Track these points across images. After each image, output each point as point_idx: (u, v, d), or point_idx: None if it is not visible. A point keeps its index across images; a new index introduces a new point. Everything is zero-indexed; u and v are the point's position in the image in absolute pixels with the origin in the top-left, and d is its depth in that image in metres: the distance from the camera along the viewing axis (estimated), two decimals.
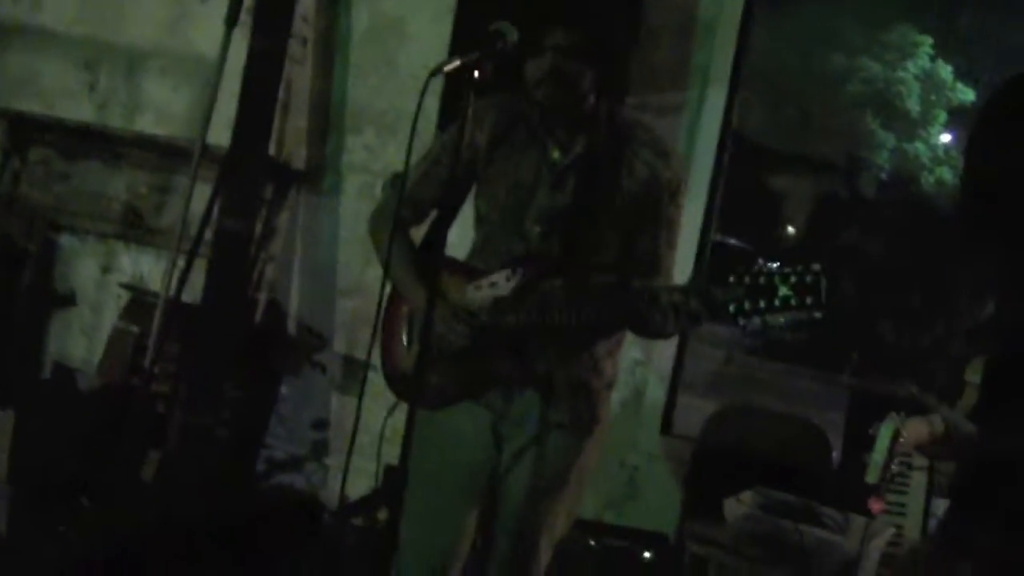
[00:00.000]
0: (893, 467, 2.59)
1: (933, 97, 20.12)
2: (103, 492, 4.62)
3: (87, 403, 5.02)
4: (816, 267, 2.59)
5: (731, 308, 2.64)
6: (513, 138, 3.08)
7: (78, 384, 5.22)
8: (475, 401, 3.08)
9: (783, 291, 2.58)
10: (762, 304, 2.60)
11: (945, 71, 19.80)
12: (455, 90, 2.85)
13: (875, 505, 2.72)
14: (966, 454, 2.63)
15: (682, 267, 4.35)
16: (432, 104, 4.77)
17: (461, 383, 3.07)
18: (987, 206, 2.51)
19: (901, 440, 2.57)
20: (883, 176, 20.46)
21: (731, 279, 2.64)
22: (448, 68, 2.68)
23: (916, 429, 2.61)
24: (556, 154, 3.03)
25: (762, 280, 2.61)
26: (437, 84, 2.79)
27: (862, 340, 14.39)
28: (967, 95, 19.59)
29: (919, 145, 20.19)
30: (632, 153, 3.01)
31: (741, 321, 2.64)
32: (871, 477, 2.59)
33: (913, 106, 20.00)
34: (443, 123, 4.33)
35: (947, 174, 19.89)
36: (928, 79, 20.05)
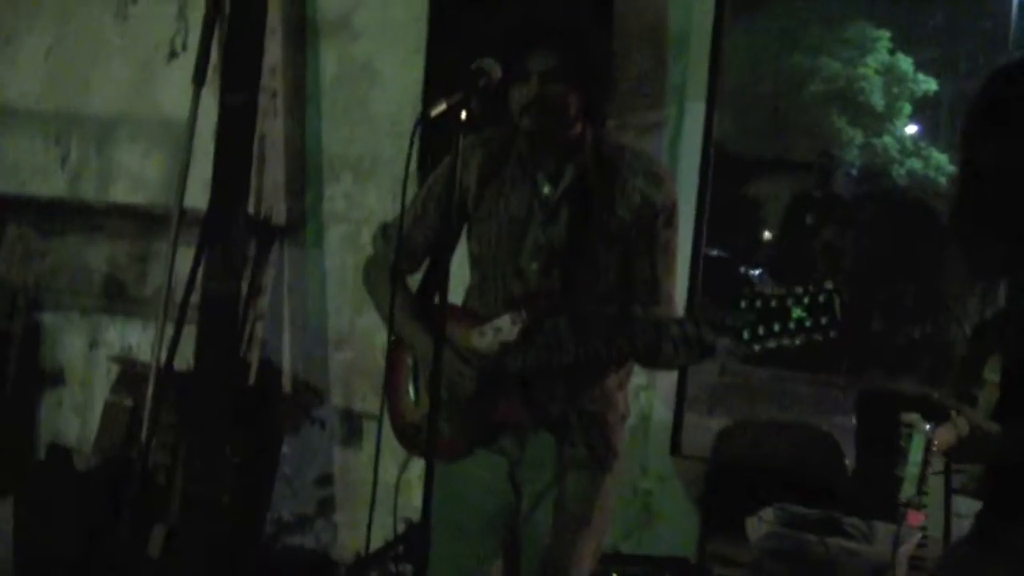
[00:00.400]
0: (929, 477, 2.53)
1: (896, 90, 20.19)
2: (110, 572, 4.53)
3: (86, 482, 4.92)
4: (829, 285, 2.55)
5: (744, 335, 2.58)
6: (501, 175, 3.02)
7: (75, 463, 5.12)
8: (488, 448, 3.02)
9: (797, 313, 2.53)
10: (776, 328, 2.55)
11: (905, 63, 19.86)
12: (435, 132, 2.78)
13: (915, 519, 2.66)
14: (993, 456, 2.58)
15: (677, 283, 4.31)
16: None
17: (473, 432, 3.00)
18: (990, 198, 2.47)
19: (934, 449, 2.51)
20: (854, 172, 20.51)
21: (742, 304, 2.58)
22: (435, 112, 2.62)
23: (944, 435, 2.55)
24: (546, 187, 2.98)
25: (774, 303, 2.55)
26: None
27: (853, 338, 14.35)
28: (930, 85, 19.67)
29: (887, 139, 20.24)
30: (623, 179, 2.96)
31: (756, 347, 2.58)
32: (908, 491, 2.53)
33: (877, 101, 20.05)
34: (424, 167, 4.27)
35: (917, 164, 19.95)
36: (889, 73, 20.12)
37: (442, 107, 2.62)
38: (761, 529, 3.93)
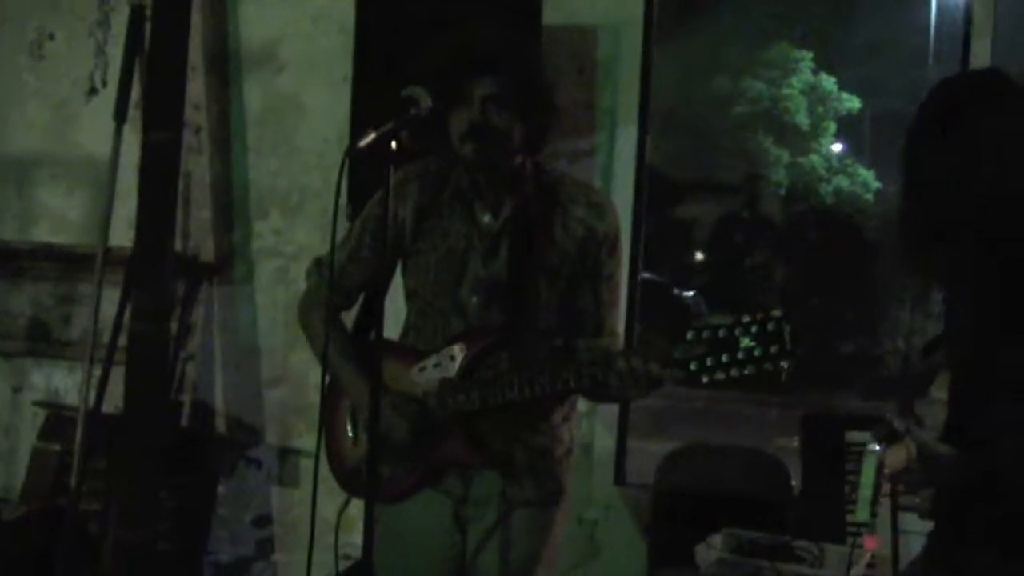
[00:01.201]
0: (881, 499, 2.49)
1: (820, 109, 20.46)
2: None
3: (13, 533, 4.78)
4: (777, 313, 2.51)
5: (692, 366, 2.53)
6: (439, 206, 2.96)
7: (2, 514, 4.97)
8: (432, 488, 2.94)
9: (745, 342, 2.49)
10: (725, 359, 2.51)
11: (829, 83, 20.15)
12: (365, 164, 2.70)
13: (871, 543, 2.62)
14: (941, 479, 2.56)
15: None
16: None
17: (415, 473, 2.92)
18: (934, 212, 2.46)
19: (886, 471, 2.48)
20: (782, 192, 20.71)
21: (689, 336, 2.54)
22: (364, 143, 2.55)
23: (894, 457, 2.52)
24: (486, 218, 2.91)
25: (722, 333, 2.51)
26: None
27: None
28: (853, 103, 19.96)
29: (813, 157, 20.48)
30: (565, 210, 2.91)
31: (704, 379, 2.53)
32: (861, 515, 2.49)
33: (802, 120, 20.31)
34: (354, 200, 4.20)
35: (844, 182, 20.21)
36: (813, 92, 20.39)
37: (371, 137, 2.55)
38: (711, 556, 3.87)
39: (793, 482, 4.58)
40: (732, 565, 3.79)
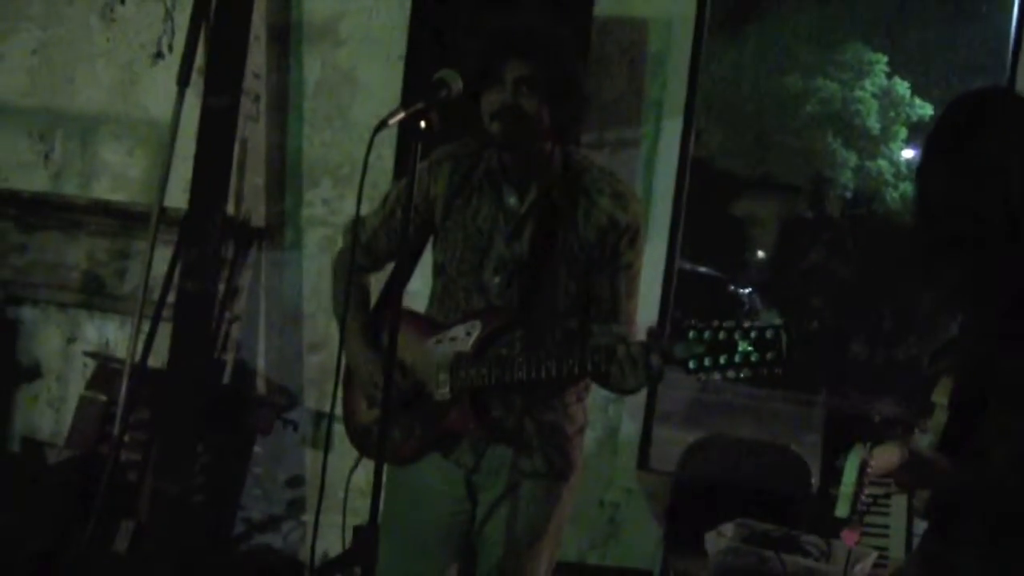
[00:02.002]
0: (864, 498, 2.55)
1: (892, 114, 20.24)
2: (76, 567, 4.54)
3: (57, 476, 4.94)
4: (778, 322, 2.60)
5: (690, 364, 2.62)
6: (470, 186, 3.05)
7: (47, 458, 5.13)
8: (444, 456, 3.04)
9: (743, 347, 2.57)
10: (722, 360, 2.59)
11: (902, 87, 19.92)
12: (411, 139, 2.81)
13: (850, 538, 2.68)
14: (927, 483, 2.61)
15: (650, 299, 4.34)
16: (388, 154, 4.77)
17: (425, 439, 3.03)
18: (940, 227, 2.51)
19: (869, 470, 2.54)
20: (847, 195, 20.54)
21: (690, 335, 2.62)
22: (392, 121, 2.66)
23: (886, 456, 2.57)
24: (512, 200, 3.00)
25: (722, 335, 2.59)
26: (391, 133, 2.77)
27: (835, 359, 14.42)
28: (926, 110, 19.71)
29: (882, 162, 20.28)
30: (589, 199, 2.98)
31: (701, 376, 2.62)
32: (841, 511, 2.55)
33: (873, 124, 20.10)
34: (399, 173, 4.32)
35: (911, 189, 19.96)
36: (886, 96, 20.17)
37: (400, 116, 2.66)
38: (720, 544, 3.95)
39: (813, 479, 4.64)
40: (739, 553, 3.86)
